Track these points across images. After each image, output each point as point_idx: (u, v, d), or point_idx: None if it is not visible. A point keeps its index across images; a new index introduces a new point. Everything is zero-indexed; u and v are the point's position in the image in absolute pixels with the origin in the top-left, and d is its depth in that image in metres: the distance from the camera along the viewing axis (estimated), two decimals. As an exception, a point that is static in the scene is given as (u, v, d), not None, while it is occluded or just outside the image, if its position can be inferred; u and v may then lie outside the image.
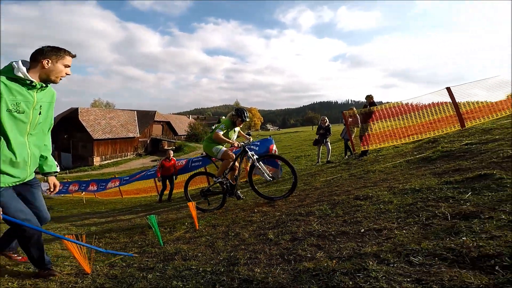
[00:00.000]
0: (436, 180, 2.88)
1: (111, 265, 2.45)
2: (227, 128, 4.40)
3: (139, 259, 2.52)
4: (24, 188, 2.08)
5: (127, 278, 2.07)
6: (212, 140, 4.44)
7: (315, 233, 2.23)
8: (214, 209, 4.41)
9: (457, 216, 1.91)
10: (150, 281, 1.96)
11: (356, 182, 4.13)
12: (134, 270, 2.22)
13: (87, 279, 2.13)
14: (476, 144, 4.37)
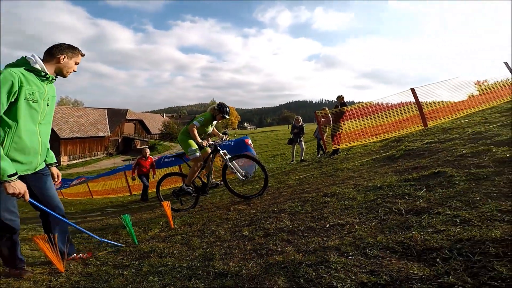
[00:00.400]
0: (396, 178, 3.13)
1: (85, 263, 2.44)
2: (205, 122, 4.42)
3: (114, 257, 2.51)
4: (35, 178, 2.15)
5: (103, 276, 2.08)
6: (188, 135, 4.42)
7: (286, 229, 2.37)
8: (188, 208, 4.44)
9: (410, 211, 2.13)
10: (126, 278, 1.99)
11: (326, 180, 4.35)
12: (109, 268, 2.23)
13: (61, 277, 2.12)
14: (435, 143, 4.74)
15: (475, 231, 1.62)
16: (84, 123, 42.37)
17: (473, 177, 2.57)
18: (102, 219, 5.38)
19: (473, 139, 4.19)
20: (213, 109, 4.53)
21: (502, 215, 1.77)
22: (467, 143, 4.07)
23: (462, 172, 2.75)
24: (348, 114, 8.10)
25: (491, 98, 7.31)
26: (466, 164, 3.00)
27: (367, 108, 8.25)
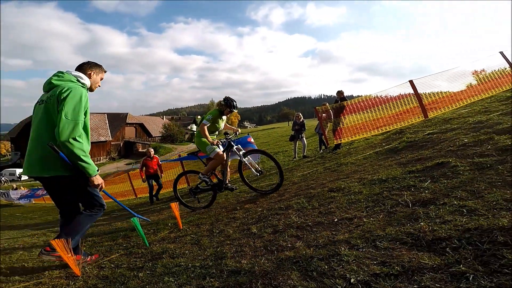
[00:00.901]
0: (401, 170, 3.16)
1: (99, 267, 2.46)
2: (214, 118, 4.37)
3: (127, 259, 2.54)
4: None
5: (119, 278, 2.11)
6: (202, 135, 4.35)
7: (294, 225, 2.41)
8: (205, 207, 4.43)
9: (417, 203, 2.16)
10: (142, 279, 2.03)
11: (330, 175, 4.38)
12: (124, 270, 2.26)
13: (78, 281, 2.15)
14: (436, 133, 4.76)
15: (482, 220, 1.65)
16: (84, 128, 42.54)
17: (477, 166, 2.60)
18: (111, 223, 5.42)
19: (475, 128, 4.21)
20: (219, 104, 4.47)
21: (508, 203, 1.80)
22: (469, 132, 4.10)
23: (465, 162, 2.78)
24: (348, 108, 8.12)
25: (490, 87, 7.32)
26: (469, 154, 3.03)
27: (367, 102, 8.26)
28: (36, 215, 11.45)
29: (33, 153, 2.27)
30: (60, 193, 2.42)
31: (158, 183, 8.63)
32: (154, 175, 8.48)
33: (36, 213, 12.01)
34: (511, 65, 7.29)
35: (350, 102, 8.18)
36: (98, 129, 43.97)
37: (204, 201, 4.95)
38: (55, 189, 2.39)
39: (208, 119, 4.30)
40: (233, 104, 4.37)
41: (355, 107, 8.15)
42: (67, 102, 2.13)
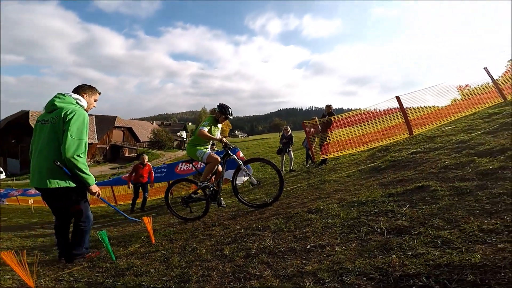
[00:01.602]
0: (381, 192, 3.09)
1: (57, 279, 2.35)
2: (210, 125, 4.16)
3: (88, 273, 2.43)
4: None
5: (74, 293, 1.95)
6: (195, 144, 4.21)
7: (267, 250, 2.28)
8: (197, 217, 4.27)
9: (392, 231, 2.07)
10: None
11: (312, 193, 4.29)
12: (82, 285, 2.17)
13: None
14: (420, 153, 4.75)
15: (455, 255, 1.57)
16: (71, 130, 41.50)
17: (457, 191, 2.54)
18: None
19: (457, 149, 4.21)
20: (213, 111, 4.28)
21: (484, 235, 1.73)
22: (452, 153, 4.09)
23: (445, 186, 2.72)
24: (336, 124, 8.12)
25: (474, 103, 7.45)
26: (450, 177, 2.98)
27: (354, 117, 8.29)
28: (8, 217, 10.96)
29: (41, 168, 2.53)
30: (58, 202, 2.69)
31: (144, 194, 8.20)
32: (144, 184, 8.07)
33: (7, 215, 11.50)
34: (494, 81, 7.46)
35: (337, 117, 8.18)
36: (85, 132, 43.18)
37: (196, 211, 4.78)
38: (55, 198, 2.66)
39: (205, 125, 4.10)
40: (228, 111, 4.20)
41: (343, 122, 8.16)
42: (72, 123, 2.46)
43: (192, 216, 4.38)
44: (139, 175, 7.96)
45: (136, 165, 8.16)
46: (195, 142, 4.23)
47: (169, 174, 9.20)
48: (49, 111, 2.61)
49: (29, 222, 8.60)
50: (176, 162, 9.58)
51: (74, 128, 2.46)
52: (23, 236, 5.17)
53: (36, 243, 4.30)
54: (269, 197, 4.72)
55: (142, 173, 7.97)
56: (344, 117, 8.22)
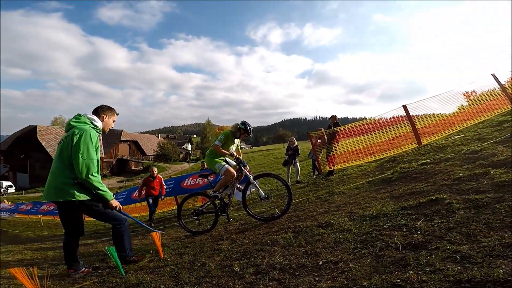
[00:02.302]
0: (393, 205, 3.00)
1: None
2: (226, 139, 4.23)
3: None
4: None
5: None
6: (214, 155, 4.26)
7: (277, 266, 2.21)
8: (206, 231, 4.23)
9: (407, 246, 1.99)
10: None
11: (321, 206, 4.20)
12: None
13: None
14: (430, 164, 4.66)
15: (476, 270, 1.50)
16: (78, 144, 41.84)
17: (473, 204, 2.46)
18: (92, 244, 5.15)
19: (469, 159, 4.12)
20: (236, 126, 4.33)
21: (505, 249, 1.66)
22: (463, 163, 4.00)
23: (460, 199, 2.64)
24: (342, 134, 8.05)
25: (482, 110, 7.25)
26: (465, 189, 2.90)
27: (360, 127, 8.21)
28: (18, 229, 10.98)
29: (51, 183, 2.67)
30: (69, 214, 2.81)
31: (155, 205, 7.99)
32: (155, 196, 7.88)
33: (18, 228, 11.53)
34: (502, 87, 7.28)
35: (343, 127, 8.11)
36: (92, 146, 43.49)
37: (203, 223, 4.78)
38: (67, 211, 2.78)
39: (220, 139, 4.19)
40: (250, 129, 4.33)
41: (349, 133, 8.09)
42: (81, 144, 2.56)
43: (200, 229, 4.36)
44: (150, 187, 7.79)
45: (146, 178, 8.00)
46: (213, 154, 4.28)
47: (176, 189, 9.14)
48: (66, 131, 2.78)
49: (39, 235, 8.61)
50: (183, 176, 9.51)
51: (84, 148, 2.57)
52: (33, 249, 5.16)
53: (46, 256, 4.30)
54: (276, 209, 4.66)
55: (154, 185, 7.83)
56: (350, 128, 8.15)
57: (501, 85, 7.30)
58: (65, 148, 2.63)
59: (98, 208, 2.80)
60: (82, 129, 2.63)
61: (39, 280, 2.21)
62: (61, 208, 2.79)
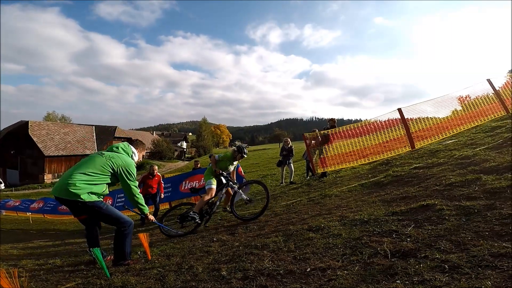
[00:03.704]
0: (384, 210, 2.98)
1: None
2: (227, 160, 5.00)
3: None
4: None
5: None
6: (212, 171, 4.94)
7: (265, 272, 2.17)
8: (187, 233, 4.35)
9: (396, 254, 1.96)
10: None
11: (313, 208, 4.18)
12: None
13: None
14: (423, 168, 4.65)
15: (464, 281, 1.48)
16: (70, 140, 41.05)
17: (464, 211, 2.44)
18: (81, 243, 5.06)
19: (461, 165, 4.12)
20: (233, 151, 5.11)
21: (495, 259, 1.64)
22: (455, 169, 3.99)
23: (452, 205, 2.62)
24: (336, 136, 8.02)
25: (475, 115, 7.26)
26: (456, 195, 2.88)
27: (355, 130, 8.19)
28: (6, 227, 10.80)
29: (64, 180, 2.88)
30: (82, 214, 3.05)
31: (156, 204, 7.74)
32: (154, 195, 7.63)
33: (5, 226, 11.32)
34: (496, 92, 7.29)
35: (337, 129, 8.08)
36: (84, 142, 42.68)
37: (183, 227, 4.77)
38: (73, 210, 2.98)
39: (220, 156, 5.03)
40: (244, 151, 5.07)
41: (343, 135, 8.06)
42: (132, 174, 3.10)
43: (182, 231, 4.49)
44: (148, 186, 7.55)
45: (145, 176, 7.75)
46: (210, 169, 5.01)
47: (174, 193, 9.01)
48: (109, 150, 3.22)
49: (27, 233, 8.46)
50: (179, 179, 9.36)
51: (133, 177, 3.11)
52: (20, 248, 5.06)
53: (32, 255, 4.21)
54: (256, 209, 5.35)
55: (151, 184, 7.58)
56: (344, 130, 8.13)
57: (496, 90, 7.32)
58: (103, 161, 3.00)
59: (101, 210, 2.96)
60: (130, 162, 3.15)
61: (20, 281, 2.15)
62: (69, 207, 2.97)
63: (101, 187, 3.00)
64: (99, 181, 2.96)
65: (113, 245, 3.12)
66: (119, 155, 3.12)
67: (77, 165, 3.06)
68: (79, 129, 44.41)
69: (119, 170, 3.04)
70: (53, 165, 37.47)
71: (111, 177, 3.05)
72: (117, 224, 3.05)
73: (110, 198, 10.20)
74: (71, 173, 2.92)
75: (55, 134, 39.90)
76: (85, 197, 2.83)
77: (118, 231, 3.07)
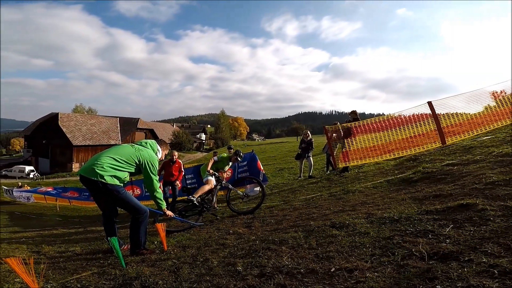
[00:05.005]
0: (416, 208, 2.72)
1: (63, 286, 2.27)
2: (222, 159, 5.74)
3: (96, 281, 2.33)
4: None
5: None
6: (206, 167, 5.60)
7: (284, 270, 1.99)
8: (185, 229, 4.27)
9: (434, 256, 1.74)
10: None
11: (335, 204, 3.95)
12: None
13: None
14: (457, 165, 4.29)
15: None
16: (96, 131, 42.84)
17: (511, 212, 2.16)
18: (101, 231, 5.13)
19: (502, 162, 3.74)
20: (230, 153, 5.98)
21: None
22: (496, 166, 3.63)
23: (496, 205, 2.33)
24: (360, 129, 7.64)
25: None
26: (500, 195, 2.58)
27: (379, 124, 7.77)
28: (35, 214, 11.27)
29: (92, 162, 3.02)
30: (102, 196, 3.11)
31: (174, 192, 7.39)
32: (173, 182, 7.32)
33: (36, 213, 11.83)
34: None
35: (361, 122, 7.70)
36: (109, 132, 44.32)
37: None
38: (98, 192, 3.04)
39: (218, 157, 5.76)
40: (240, 155, 5.77)
41: (367, 128, 7.67)
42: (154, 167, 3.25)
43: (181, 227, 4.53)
44: (168, 173, 7.27)
45: (166, 162, 7.39)
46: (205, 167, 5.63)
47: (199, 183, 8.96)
48: (139, 144, 3.42)
49: (54, 219, 8.78)
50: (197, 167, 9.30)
51: (155, 170, 3.26)
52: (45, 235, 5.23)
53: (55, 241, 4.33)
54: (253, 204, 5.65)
55: (172, 171, 7.27)
56: (367, 123, 7.73)
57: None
58: (132, 152, 3.20)
59: (119, 195, 3.04)
60: (155, 157, 3.34)
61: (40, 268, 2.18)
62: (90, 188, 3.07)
63: (124, 174, 3.12)
64: (123, 169, 3.10)
65: (129, 233, 3.18)
66: (147, 149, 3.32)
67: (107, 150, 3.22)
68: (104, 121, 46.09)
69: (144, 162, 3.20)
70: (80, 154, 39.27)
71: (135, 168, 3.20)
72: (133, 210, 3.11)
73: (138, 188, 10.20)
74: (100, 156, 3.10)
75: (83, 125, 41.79)
76: (108, 179, 2.95)
77: (133, 219, 3.12)
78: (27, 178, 34.78)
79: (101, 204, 3.32)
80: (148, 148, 3.36)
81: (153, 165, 3.26)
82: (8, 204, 16.67)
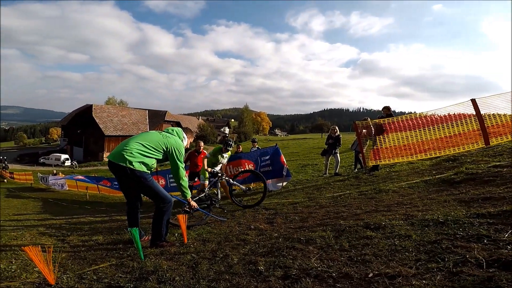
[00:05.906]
0: (464, 211, 2.43)
1: (80, 276, 2.25)
2: (214, 152, 6.12)
3: (113, 273, 2.30)
4: None
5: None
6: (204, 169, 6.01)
7: (312, 273, 1.80)
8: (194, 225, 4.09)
9: (494, 263, 1.49)
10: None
11: (367, 203, 3.69)
12: (102, 286, 2.03)
13: None
14: (506, 167, 3.87)
15: None
16: (126, 122, 44.77)
17: None
18: (125, 221, 5.21)
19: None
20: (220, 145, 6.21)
21: None
22: (554, 169, 3.21)
23: (563, 212, 2.00)
24: (392, 126, 7.20)
25: None
26: None
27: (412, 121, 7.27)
28: (66, 202, 11.83)
29: (121, 148, 3.05)
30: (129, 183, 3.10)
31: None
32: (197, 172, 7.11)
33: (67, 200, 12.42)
34: None
35: (393, 119, 7.25)
36: (138, 124, 46.14)
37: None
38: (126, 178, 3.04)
39: (210, 153, 6.12)
40: (228, 144, 6.06)
41: (401, 125, 7.20)
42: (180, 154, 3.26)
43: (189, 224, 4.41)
44: (193, 164, 7.20)
45: (191, 152, 7.37)
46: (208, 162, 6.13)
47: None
48: (166, 131, 3.43)
49: (82, 208, 9.14)
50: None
51: (181, 157, 3.27)
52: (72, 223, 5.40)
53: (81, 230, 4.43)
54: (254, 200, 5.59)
55: (197, 161, 7.15)
56: (400, 120, 7.26)
57: None
58: (159, 138, 3.21)
59: (146, 182, 3.05)
60: (182, 144, 3.37)
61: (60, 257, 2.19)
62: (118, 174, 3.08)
63: (152, 161, 3.14)
64: (151, 155, 3.11)
65: (152, 224, 3.17)
66: (174, 136, 3.35)
67: (136, 136, 3.26)
68: (134, 113, 48.03)
69: (171, 149, 3.21)
70: (111, 144, 41.27)
71: (163, 154, 3.21)
72: (158, 198, 3.10)
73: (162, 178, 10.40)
74: (129, 141, 3.12)
75: (114, 116, 43.89)
76: (136, 165, 2.98)
77: (157, 208, 3.11)
78: (62, 166, 37.05)
79: (126, 191, 3.33)
80: (174, 135, 3.38)
81: (179, 152, 3.28)
82: (43, 191, 17.71)
